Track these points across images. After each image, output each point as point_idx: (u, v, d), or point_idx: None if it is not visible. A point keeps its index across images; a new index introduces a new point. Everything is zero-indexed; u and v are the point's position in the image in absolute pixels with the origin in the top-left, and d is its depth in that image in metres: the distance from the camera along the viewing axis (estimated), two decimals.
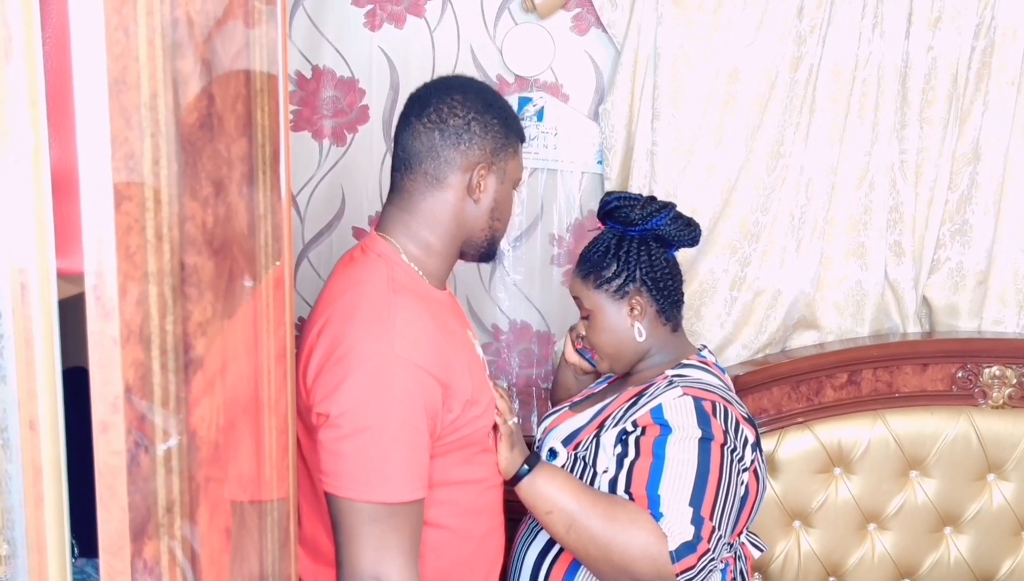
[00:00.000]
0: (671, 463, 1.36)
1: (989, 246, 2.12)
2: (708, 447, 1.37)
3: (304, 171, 2.27)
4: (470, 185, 1.32)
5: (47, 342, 0.63)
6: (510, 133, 1.37)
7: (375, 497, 1.16)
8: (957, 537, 2.06)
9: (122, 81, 0.62)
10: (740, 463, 1.41)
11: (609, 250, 1.56)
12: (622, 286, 1.54)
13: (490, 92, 1.38)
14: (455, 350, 1.28)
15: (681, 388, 1.44)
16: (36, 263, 0.62)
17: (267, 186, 0.92)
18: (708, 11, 2.07)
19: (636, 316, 1.55)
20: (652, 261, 1.54)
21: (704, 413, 1.41)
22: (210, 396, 0.78)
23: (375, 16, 2.20)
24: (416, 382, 1.20)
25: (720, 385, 1.50)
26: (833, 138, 2.08)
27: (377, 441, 1.17)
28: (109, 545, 0.64)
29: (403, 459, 1.19)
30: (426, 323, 1.24)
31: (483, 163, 1.33)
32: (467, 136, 1.31)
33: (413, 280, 1.31)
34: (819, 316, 2.18)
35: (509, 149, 1.36)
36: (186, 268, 0.71)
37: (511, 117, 1.38)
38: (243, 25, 0.84)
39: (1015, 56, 2.03)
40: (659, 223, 1.54)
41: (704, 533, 1.31)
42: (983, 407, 2.03)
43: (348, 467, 1.17)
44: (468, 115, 1.31)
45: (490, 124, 1.33)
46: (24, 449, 0.63)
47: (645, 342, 1.56)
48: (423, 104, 1.33)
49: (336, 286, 1.31)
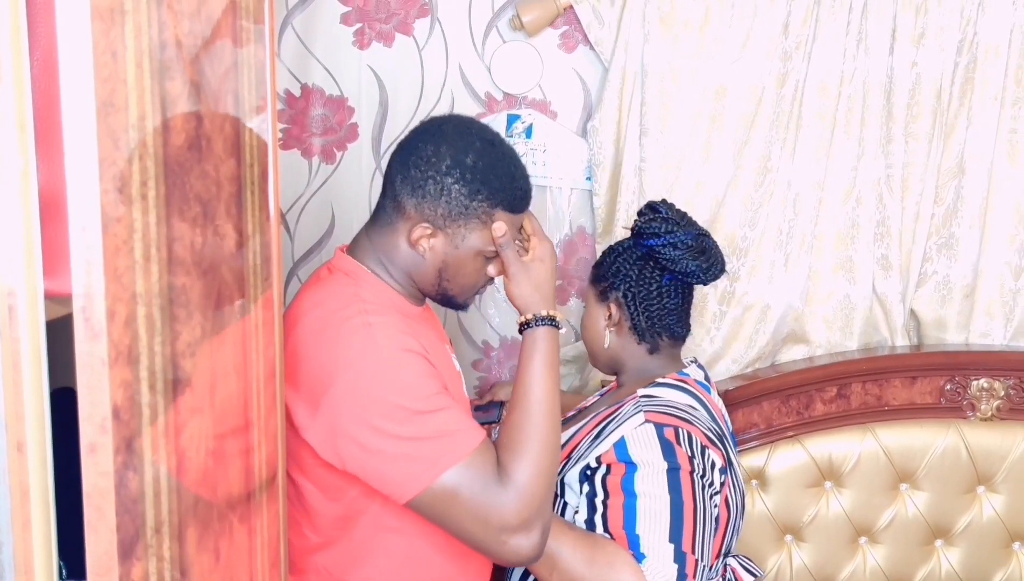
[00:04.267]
0: (643, 499, 1.33)
1: (975, 259, 2.14)
2: (677, 477, 1.34)
3: (293, 189, 2.27)
4: (410, 237, 1.27)
5: (35, 363, 0.63)
6: (477, 202, 1.25)
7: (440, 470, 1.14)
8: (948, 550, 2.06)
9: (110, 103, 0.62)
10: (711, 487, 1.39)
11: (612, 252, 1.59)
12: (605, 291, 1.57)
13: (478, 151, 1.26)
14: (433, 358, 1.27)
15: (644, 413, 1.41)
16: (24, 284, 0.62)
17: (256, 205, 0.93)
18: (695, 28, 2.08)
19: (608, 323, 1.57)
20: (640, 278, 1.53)
21: (667, 442, 1.37)
22: (199, 417, 0.77)
23: (364, 35, 2.21)
24: (413, 357, 1.20)
25: (686, 404, 1.46)
26: (820, 153, 2.10)
27: (407, 426, 1.16)
28: (97, 566, 0.64)
29: (438, 422, 1.17)
30: (400, 324, 1.24)
31: (428, 223, 1.26)
32: (421, 192, 1.25)
33: (386, 295, 1.30)
34: (808, 330, 2.18)
35: (472, 219, 1.26)
36: (174, 289, 0.71)
37: (495, 187, 1.26)
38: (231, 45, 0.85)
39: (997, 72, 2.05)
40: (653, 244, 1.51)
41: (688, 569, 1.29)
42: (972, 419, 2.04)
43: (402, 468, 1.15)
44: (428, 171, 1.24)
45: (447, 188, 1.24)
46: (11, 471, 0.63)
47: (611, 350, 1.57)
48: (409, 140, 1.29)
49: (301, 306, 1.29)
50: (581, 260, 2.30)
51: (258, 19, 0.92)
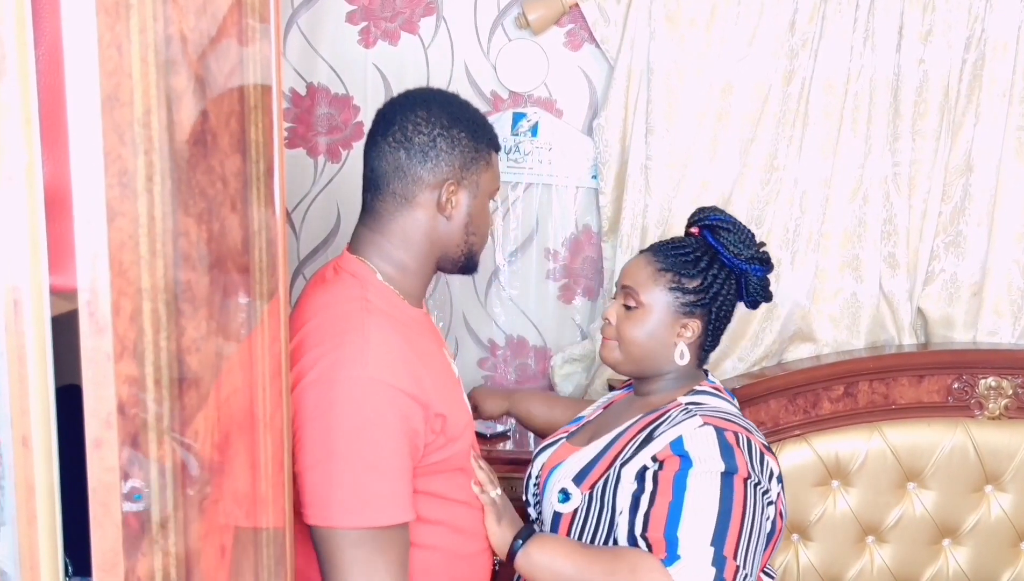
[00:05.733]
0: (691, 500, 1.27)
1: (983, 257, 2.13)
2: (731, 482, 1.29)
3: (299, 188, 2.27)
4: (440, 203, 1.28)
5: (40, 359, 0.63)
6: (480, 145, 1.31)
7: (356, 523, 1.14)
8: (955, 549, 2.05)
9: (115, 98, 0.62)
10: (765, 496, 1.33)
11: (700, 262, 1.44)
12: (693, 305, 1.44)
13: (457, 103, 1.33)
14: (431, 370, 1.26)
15: (700, 417, 1.36)
16: (29, 279, 0.62)
17: (261, 202, 0.92)
18: (701, 26, 2.08)
19: (685, 337, 1.44)
20: (727, 297, 1.46)
21: (727, 445, 1.32)
22: (204, 412, 0.77)
23: (369, 33, 2.21)
24: (393, 403, 1.18)
25: (737, 413, 1.43)
26: (826, 151, 2.09)
27: (355, 465, 1.15)
28: (103, 562, 0.64)
29: (383, 481, 1.16)
30: (401, 345, 1.22)
31: (452, 179, 1.28)
32: (433, 153, 1.27)
33: (388, 300, 1.29)
34: (815, 329, 2.18)
35: (480, 162, 1.31)
36: (180, 284, 0.71)
37: (481, 128, 1.33)
38: (237, 43, 0.85)
39: (1005, 68, 2.04)
40: (756, 271, 1.45)
41: (727, 575, 1.22)
42: (979, 418, 2.03)
43: (327, 495, 1.15)
44: (433, 131, 1.27)
45: (457, 138, 1.28)
46: (17, 466, 0.62)
47: (670, 362, 1.46)
48: (388, 122, 1.29)
49: (307, 307, 1.28)
50: (587, 258, 2.30)
51: (263, 17, 0.92)
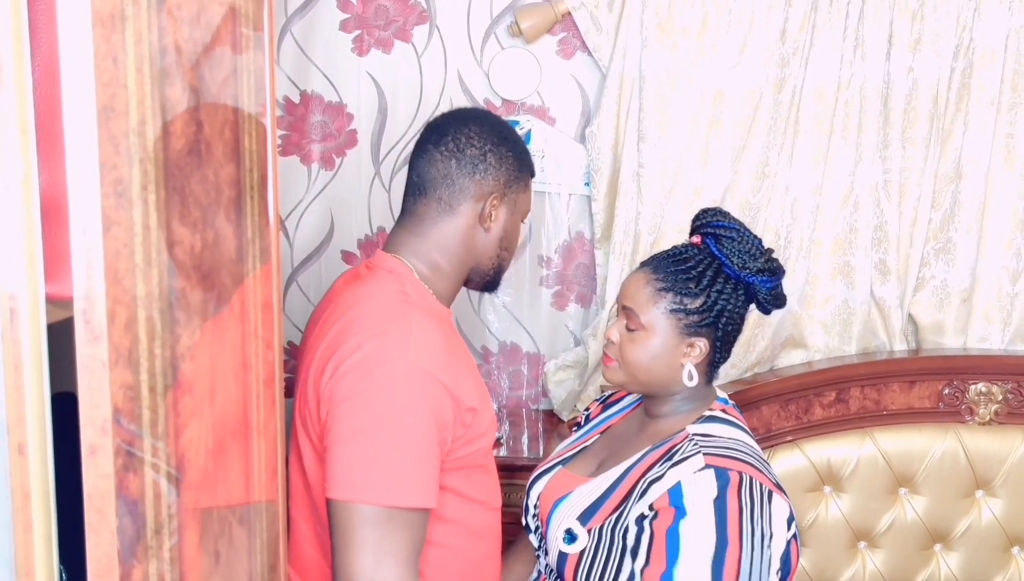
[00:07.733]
0: (687, 542, 1.21)
1: (973, 264, 2.14)
2: (724, 516, 1.22)
3: (293, 195, 2.28)
4: (482, 214, 1.35)
5: (36, 366, 0.63)
6: (523, 167, 1.40)
7: (375, 499, 1.14)
8: (947, 554, 2.06)
9: (111, 108, 0.63)
10: (768, 540, 1.23)
11: (703, 279, 1.35)
12: (698, 324, 1.35)
13: (505, 126, 1.42)
14: (464, 365, 1.29)
15: (703, 456, 1.28)
16: (25, 288, 0.62)
17: (255, 210, 0.93)
18: (692, 34, 2.09)
19: (692, 357, 1.36)
20: (735, 310, 1.36)
21: (724, 489, 1.23)
22: (199, 419, 0.78)
23: (363, 41, 2.22)
24: (429, 391, 1.20)
25: (747, 440, 1.35)
26: (817, 158, 2.10)
27: (382, 443, 1.16)
28: (98, 568, 0.64)
29: (408, 463, 1.17)
30: (439, 337, 1.26)
31: (496, 193, 1.36)
32: (483, 166, 1.34)
33: (423, 296, 1.33)
34: (806, 335, 2.19)
35: (521, 182, 1.40)
36: (174, 292, 0.72)
37: (524, 152, 1.42)
38: (231, 52, 0.85)
39: (994, 77, 2.06)
40: (765, 284, 1.37)
41: None
42: (970, 424, 2.04)
43: (350, 469, 1.16)
44: (485, 146, 1.35)
45: (505, 156, 1.36)
46: (12, 474, 0.63)
47: (680, 383, 1.38)
48: (441, 132, 1.36)
49: (344, 300, 1.31)
50: (580, 265, 2.31)
51: (257, 26, 0.93)
